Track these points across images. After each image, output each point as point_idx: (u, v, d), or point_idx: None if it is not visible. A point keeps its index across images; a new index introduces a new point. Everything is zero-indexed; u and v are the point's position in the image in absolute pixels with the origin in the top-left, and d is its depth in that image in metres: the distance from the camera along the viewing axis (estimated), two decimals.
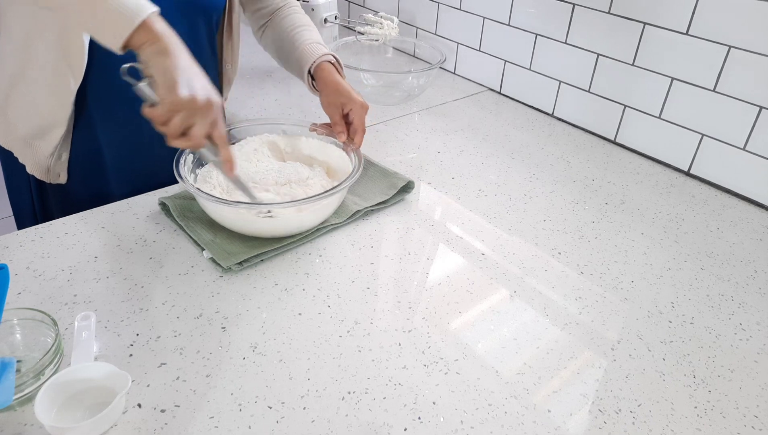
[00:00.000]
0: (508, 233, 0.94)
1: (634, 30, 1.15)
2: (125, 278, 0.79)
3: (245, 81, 1.48)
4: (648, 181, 1.12)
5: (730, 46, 1.02)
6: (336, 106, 0.97)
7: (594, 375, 0.70)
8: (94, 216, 0.90)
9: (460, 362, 0.70)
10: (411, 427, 0.62)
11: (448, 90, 1.48)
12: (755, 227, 1.00)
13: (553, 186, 1.08)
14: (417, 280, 0.83)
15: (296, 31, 1.04)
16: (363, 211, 0.94)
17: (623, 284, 0.85)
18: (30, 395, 0.60)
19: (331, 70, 0.99)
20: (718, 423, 0.65)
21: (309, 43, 1.02)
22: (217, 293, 0.77)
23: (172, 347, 0.69)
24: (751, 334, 0.77)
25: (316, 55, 1.00)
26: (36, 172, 0.96)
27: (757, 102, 1.02)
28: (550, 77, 1.34)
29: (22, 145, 0.94)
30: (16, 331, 0.66)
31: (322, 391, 0.65)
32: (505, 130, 1.29)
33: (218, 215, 0.84)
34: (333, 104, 0.97)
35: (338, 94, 0.97)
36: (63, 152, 0.93)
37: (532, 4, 1.32)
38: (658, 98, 1.15)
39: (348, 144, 0.96)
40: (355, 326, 0.74)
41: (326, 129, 1.00)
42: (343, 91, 0.97)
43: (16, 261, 0.80)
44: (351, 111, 0.96)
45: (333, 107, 0.97)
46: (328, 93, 0.98)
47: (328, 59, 1.00)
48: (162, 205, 0.91)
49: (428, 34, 1.62)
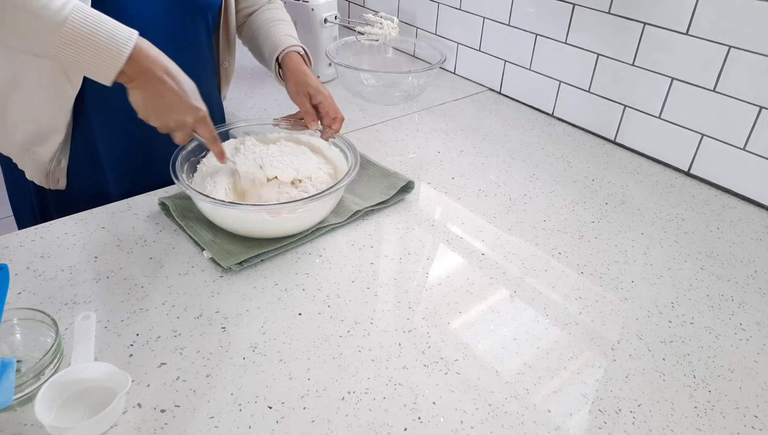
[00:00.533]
0: (508, 233, 0.94)
1: (634, 30, 1.15)
2: (125, 278, 0.79)
3: (245, 81, 1.48)
4: (648, 181, 1.12)
5: (730, 46, 1.02)
6: (303, 94, 0.98)
7: (594, 375, 0.70)
8: (94, 216, 0.90)
9: (460, 362, 0.70)
10: (411, 427, 0.62)
11: (448, 90, 1.48)
12: (755, 227, 1.00)
13: (553, 186, 1.08)
14: (417, 280, 0.83)
15: (272, 23, 1.06)
16: (363, 211, 0.94)
17: (623, 284, 0.85)
18: (30, 395, 0.60)
19: (298, 60, 1.00)
20: (718, 423, 0.65)
21: (282, 34, 1.04)
22: (217, 293, 0.77)
23: (172, 347, 0.69)
24: (751, 334, 0.77)
25: (285, 45, 1.01)
26: (35, 178, 0.95)
27: (757, 102, 1.02)
28: (550, 77, 1.34)
29: (20, 152, 0.94)
30: (16, 331, 0.66)
31: (322, 391, 0.65)
32: (505, 130, 1.29)
33: (215, 216, 0.84)
34: (301, 93, 0.98)
35: (305, 84, 0.97)
36: (62, 158, 0.93)
37: (532, 4, 1.32)
38: (658, 98, 1.15)
39: (326, 132, 0.97)
40: (355, 326, 0.74)
41: (291, 120, 1.00)
42: (311, 81, 0.98)
43: (16, 261, 0.80)
44: (321, 103, 0.97)
45: (301, 96, 0.98)
46: (296, 81, 0.98)
47: (297, 50, 1.02)
48: (162, 205, 0.91)
49: (428, 34, 1.62)
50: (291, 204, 0.82)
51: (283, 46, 1.01)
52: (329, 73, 1.50)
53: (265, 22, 1.06)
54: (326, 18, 1.45)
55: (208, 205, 0.81)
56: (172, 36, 0.92)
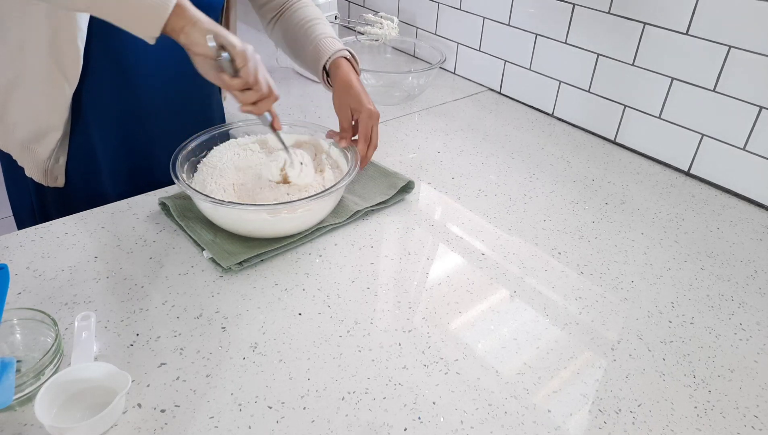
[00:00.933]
0: (508, 233, 0.94)
1: (634, 30, 1.15)
2: (125, 278, 0.79)
3: None
4: (648, 181, 1.12)
5: (730, 46, 1.02)
6: (346, 107, 0.95)
7: (594, 375, 0.70)
8: (94, 216, 0.90)
9: (460, 362, 0.70)
10: (411, 427, 0.62)
11: (448, 90, 1.48)
12: (755, 227, 1.00)
13: (553, 186, 1.08)
14: (417, 280, 0.83)
15: (310, 24, 1.01)
16: (363, 211, 0.94)
17: (623, 284, 0.85)
18: (30, 395, 0.60)
19: (347, 68, 0.96)
20: (718, 423, 0.65)
21: (324, 37, 0.99)
22: (217, 293, 0.77)
23: (172, 347, 0.69)
24: (751, 334, 0.77)
25: (331, 51, 0.97)
26: (35, 176, 0.96)
27: (757, 102, 1.02)
28: (550, 77, 1.34)
29: (20, 149, 0.94)
30: (16, 331, 0.66)
31: (322, 391, 0.65)
32: (505, 130, 1.29)
33: (215, 216, 0.84)
34: (343, 105, 0.95)
35: (348, 96, 0.94)
36: (60, 156, 0.93)
37: (532, 4, 1.32)
38: (658, 98, 1.15)
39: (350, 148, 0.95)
40: (355, 326, 0.74)
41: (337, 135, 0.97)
42: (354, 94, 0.94)
43: (16, 261, 0.80)
44: (359, 118, 0.94)
45: (344, 109, 0.96)
46: (339, 93, 0.96)
47: (344, 54, 0.98)
48: (162, 205, 0.91)
49: (428, 34, 1.62)
50: (291, 204, 0.82)
51: (329, 52, 0.97)
52: None
53: (301, 22, 1.01)
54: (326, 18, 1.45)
55: (208, 205, 0.81)
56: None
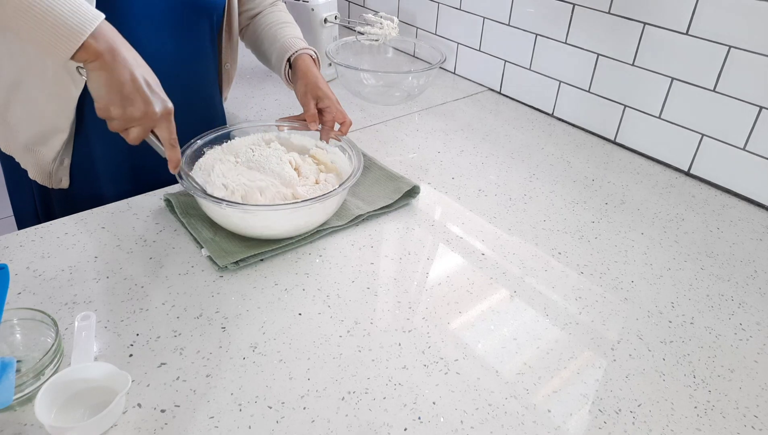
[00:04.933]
0: (508, 233, 0.94)
1: (634, 30, 1.15)
2: (125, 278, 0.79)
3: (245, 81, 1.48)
4: (648, 181, 1.12)
5: (730, 46, 1.02)
6: (312, 96, 0.98)
7: (594, 375, 0.70)
8: (94, 216, 0.90)
9: (460, 362, 0.70)
10: (411, 427, 0.62)
11: (448, 90, 1.48)
12: (755, 227, 1.00)
13: (553, 186, 1.08)
14: (417, 280, 0.83)
15: (280, 26, 1.06)
16: (365, 215, 0.93)
17: (623, 284, 0.85)
18: (30, 395, 0.60)
19: (310, 62, 1.01)
20: (718, 423, 0.65)
21: (290, 37, 1.04)
22: (217, 293, 0.77)
23: (172, 347, 0.69)
24: (751, 334, 0.77)
25: (296, 47, 1.02)
26: (38, 178, 0.95)
27: (757, 102, 1.02)
28: (550, 77, 1.34)
29: (23, 151, 0.94)
30: (16, 331, 0.66)
31: (322, 391, 0.65)
32: (505, 130, 1.29)
33: (215, 214, 0.84)
34: (309, 94, 0.98)
35: (315, 86, 0.98)
36: (65, 158, 0.93)
37: (532, 4, 1.32)
38: (658, 98, 1.15)
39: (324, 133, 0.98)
40: (355, 326, 0.74)
41: (294, 121, 1.00)
42: (321, 85, 0.98)
43: (16, 261, 0.80)
44: (327, 108, 0.97)
45: (309, 97, 0.98)
46: (306, 83, 0.99)
47: (309, 53, 1.02)
48: (167, 202, 0.91)
49: (428, 34, 1.62)
50: (292, 205, 0.82)
51: (294, 48, 1.01)
52: (329, 73, 1.50)
53: (271, 24, 1.07)
54: (326, 18, 1.45)
55: (209, 204, 0.81)
56: (176, 37, 0.92)
